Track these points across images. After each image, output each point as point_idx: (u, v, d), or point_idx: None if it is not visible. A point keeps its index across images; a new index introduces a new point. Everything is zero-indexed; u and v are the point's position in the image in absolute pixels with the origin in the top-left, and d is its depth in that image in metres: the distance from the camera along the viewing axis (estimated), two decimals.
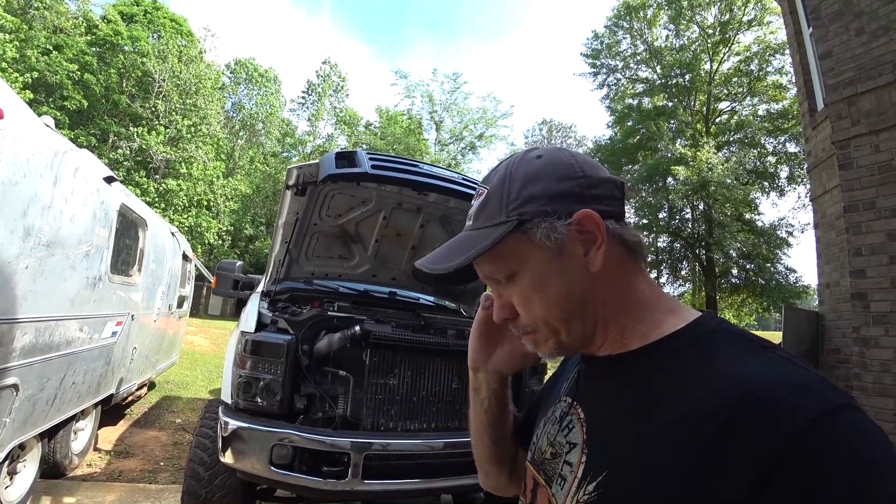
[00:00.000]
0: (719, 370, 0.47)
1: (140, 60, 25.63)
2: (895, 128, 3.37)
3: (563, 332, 0.58)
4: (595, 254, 0.55)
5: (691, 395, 0.47)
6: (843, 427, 0.39)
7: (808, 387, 0.42)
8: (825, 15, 4.00)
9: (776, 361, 0.46)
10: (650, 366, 0.53)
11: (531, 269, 0.57)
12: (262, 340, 2.30)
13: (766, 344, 0.49)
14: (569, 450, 0.58)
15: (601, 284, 0.57)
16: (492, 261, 0.58)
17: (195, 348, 12.34)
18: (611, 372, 0.58)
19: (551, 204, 0.55)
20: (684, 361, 0.51)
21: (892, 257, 3.23)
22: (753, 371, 0.45)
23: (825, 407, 0.40)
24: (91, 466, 4.00)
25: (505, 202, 0.57)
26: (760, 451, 0.39)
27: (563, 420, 0.62)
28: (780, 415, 0.40)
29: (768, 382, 0.43)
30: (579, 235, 0.55)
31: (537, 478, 0.63)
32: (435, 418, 2.51)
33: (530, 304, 0.58)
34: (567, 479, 0.55)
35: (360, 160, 2.81)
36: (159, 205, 23.21)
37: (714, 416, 0.43)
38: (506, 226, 0.56)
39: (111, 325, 3.81)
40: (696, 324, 0.54)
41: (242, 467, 2.14)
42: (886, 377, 3.13)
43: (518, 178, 0.58)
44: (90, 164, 3.26)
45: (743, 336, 0.51)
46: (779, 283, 21.71)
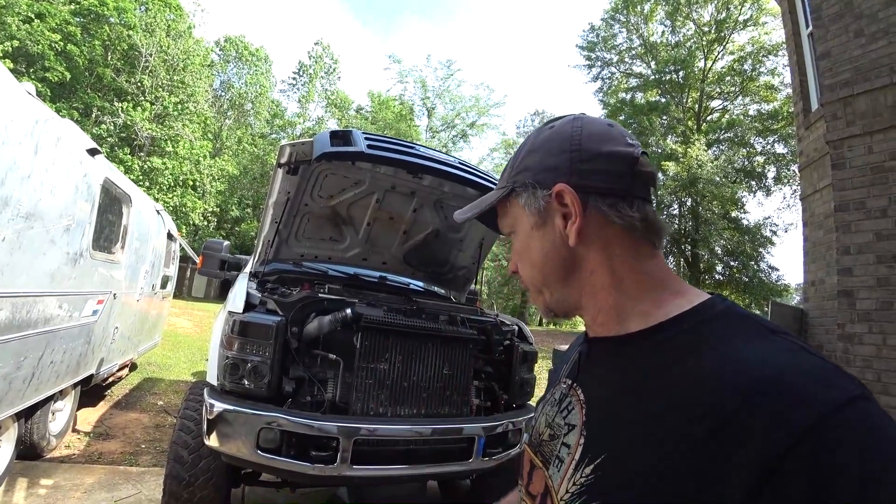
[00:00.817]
0: (727, 355, 0.45)
1: (126, 33, 24.84)
2: (889, 130, 3.40)
3: (547, 293, 0.62)
4: (571, 226, 0.56)
5: (697, 379, 0.45)
6: (856, 420, 0.37)
7: (822, 376, 0.41)
8: (826, 16, 3.99)
9: (788, 347, 0.44)
10: (653, 348, 0.52)
11: (521, 231, 0.63)
12: (251, 321, 2.24)
13: (778, 329, 0.47)
14: (567, 431, 0.57)
15: (587, 256, 0.58)
16: (501, 216, 0.67)
17: (178, 330, 12.18)
18: (613, 353, 0.57)
19: (538, 175, 0.59)
20: (690, 344, 0.49)
21: (879, 257, 3.27)
22: (764, 357, 0.43)
23: (838, 398, 0.38)
24: (69, 448, 3.92)
25: (510, 169, 0.65)
26: (770, 442, 0.37)
27: (562, 402, 0.62)
28: (791, 405, 0.38)
29: (779, 370, 0.41)
30: (559, 206, 0.57)
31: (534, 460, 0.63)
32: (425, 404, 2.49)
33: (521, 263, 0.64)
34: (564, 461, 0.55)
35: (355, 139, 2.74)
36: (143, 183, 22.69)
37: (721, 404, 0.41)
38: (502, 191, 0.64)
39: (92, 304, 3.71)
40: (705, 306, 0.52)
41: (228, 451, 2.09)
42: (868, 373, 3.19)
43: (526, 147, 0.63)
44: (73, 134, 3.13)
45: (753, 320, 0.49)
46: (761, 280, 22.15)
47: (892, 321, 3.14)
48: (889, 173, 3.32)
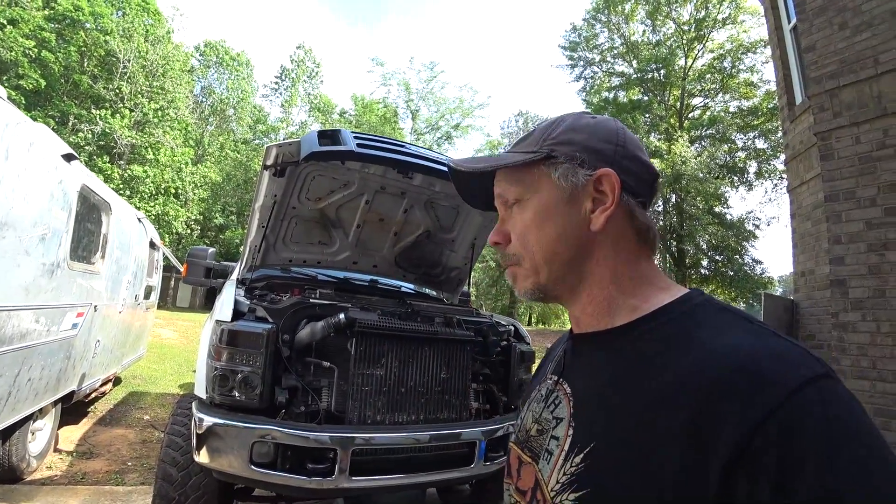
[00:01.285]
0: (705, 343, 0.48)
1: (103, 39, 24.37)
2: (875, 120, 3.42)
3: (545, 272, 0.60)
4: (600, 215, 0.57)
5: (677, 367, 0.48)
6: (820, 395, 0.40)
7: (791, 358, 0.43)
8: (810, 9, 4.02)
9: (760, 333, 0.47)
10: (638, 339, 0.54)
11: (540, 201, 0.60)
12: (240, 330, 2.14)
13: (752, 318, 0.51)
14: (555, 425, 0.58)
15: (599, 245, 0.58)
16: (511, 180, 0.63)
17: (164, 341, 11.91)
18: (598, 346, 0.59)
19: (582, 153, 0.58)
20: (671, 334, 0.52)
21: (869, 245, 3.29)
22: (740, 343, 0.46)
23: (805, 376, 0.41)
24: (51, 469, 3.75)
25: (544, 138, 0.61)
26: (743, 417, 0.40)
27: (548, 397, 0.63)
28: (763, 384, 0.41)
29: (754, 354, 0.44)
30: (593, 191, 0.57)
31: (522, 456, 0.63)
32: (424, 410, 2.41)
33: (526, 234, 0.61)
34: (554, 454, 0.56)
35: (344, 138, 2.66)
36: (124, 192, 22.23)
37: (701, 387, 0.44)
38: (535, 154, 0.60)
39: (71, 317, 3.56)
40: (684, 299, 0.55)
41: (219, 467, 1.99)
42: (863, 360, 3.20)
43: (565, 124, 0.61)
44: (47, 139, 3.00)
45: (729, 311, 0.52)
46: (746, 274, 22.49)
47: (885, 308, 3.15)
48: (877, 163, 3.34)
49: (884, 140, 3.34)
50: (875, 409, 3.12)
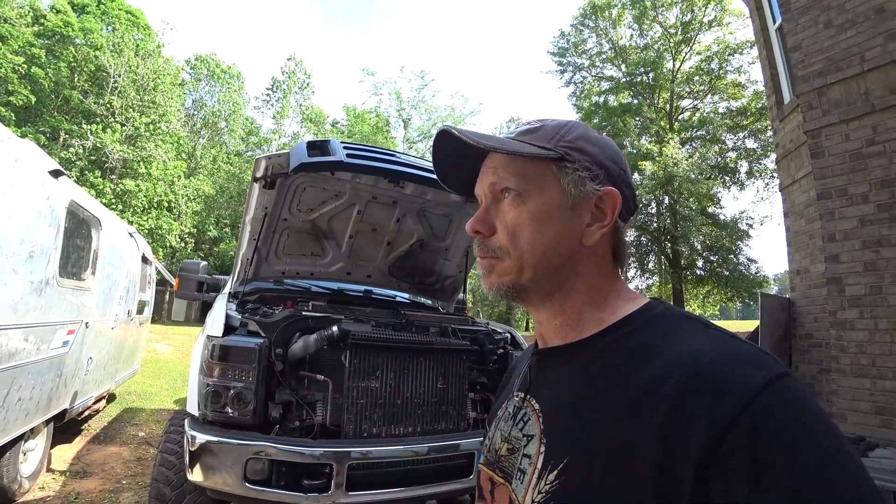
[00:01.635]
0: (669, 350, 0.49)
1: (93, 54, 24.35)
2: (864, 117, 3.44)
3: (528, 274, 0.58)
4: (596, 230, 0.58)
5: (645, 376, 0.48)
6: (783, 393, 0.42)
7: (751, 359, 0.45)
8: (794, 9, 4.06)
9: (720, 338, 0.49)
10: (602, 350, 0.55)
11: (542, 200, 0.58)
12: (231, 345, 2.11)
13: (710, 324, 0.52)
14: (526, 442, 0.57)
15: (584, 260, 0.59)
16: (512, 170, 0.60)
17: (158, 356, 11.78)
18: (563, 360, 0.59)
19: (593, 166, 0.58)
20: (634, 344, 0.53)
21: (864, 242, 3.29)
22: (703, 348, 0.47)
23: (768, 376, 0.43)
24: (44, 490, 3.67)
25: (557, 137, 0.59)
26: (715, 420, 0.41)
27: (516, 415, 0.62)
28: (730, 385, 0.42)
29: (717, 357, 0.46)
30: (594, 207, 0.58)
31: (494, 477, 0.62)
32: (420, 421, 2.37)
33: (518, 230, 0.58)
34: (527, 472, 0.55)
35: (333, 149, 2.64)
36: (116, 206, 22.11)
37: (668, 394, 0.45)
38: (549, 151, 0.58)
39: (62, 334, 3.50)
40: (645, 309, 0.57)
41: (213, 485, 1.95)
42: (863, 358, 3.19)
43: (578, 132, 0.61)
44: (33, 155, 2.96)
45: (688, 318, 0.54)
46: (741, 273, 22.57)
47: (883, 305, 3.14)
48: (868, 159, 3.35)
49: (873, 136, 3.36)
50: (876, 407, 3.11)
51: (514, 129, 0.64)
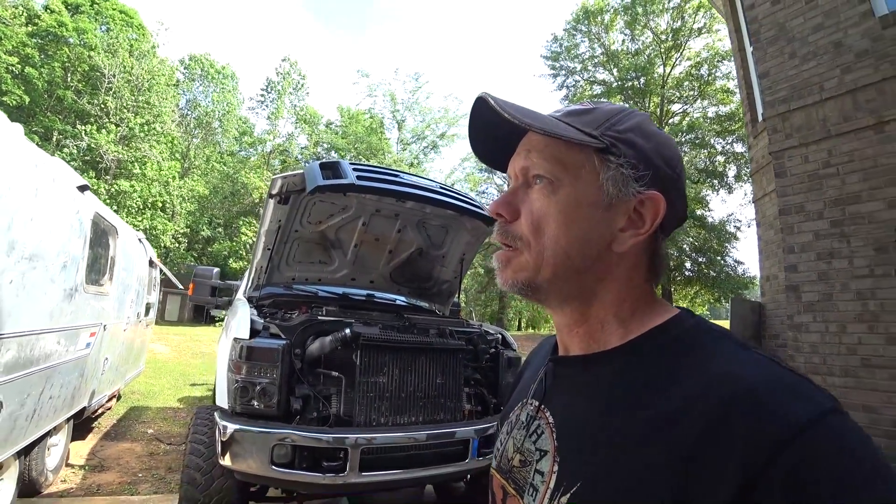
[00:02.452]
0: (704, 371, 0.45)
1: (87, 54, 24.37)
2: (821, 141, 3.81)
3: (547, 272, 0.53)
4: (629, 237, 0.52)
5: (672, 397, 0.44)
6: (832, 432, 0.38)
7: (798, 390, 0.41)
8: (764, 39, 4.43)
9: (759, 361, 0.44)
10: (624, 365, 0.51)
11: (575, 193, 0.52)
12: (257, 346, 2.41)
13: (747, 343, 0.48)
14: (539, 457, 0.54)
15: (613, 267, 0.53)
16: (548, 156, 0.53)
17: (157, 356, 11.97)
18: (583, 373, 0.55)
19: (643, 164, 0.52)
20: (663, 361, 0.48)
21: (818, 254, 3.67)
22: (740, 372, 0.43)
23: (815, 412, 0.38)
24: (66, 482, 3.93)
25: (607, 124, 0.53)
26: (752, 455, 0.37)
27: (530, 425, 0.59)
28: (771, 419, 0.38)
29: (757, 385, 0.41)
30: (633, 211, 0.52)
31: (506, 487, 0.59)
32: (422, 412, 2.70)
33: (544, 222, 0.53)
34: (539, 490, 0.52)
35: (344, 171, 2.94)
36: (111, 207, 22.14)
37: (699, 420, 0.41)
38: (593, 139, 0.51)
39: (85, 337, 3.77)
40: (675, 322, 0.52)
41: (244, 468, 2.25)
42: (815, 357, 3.57)
43: (633, 121, 0.54)
44: (65, 173, 3.23)
45: (723, 335, 0.49)
46: (728, 275, 23.14)
47: (832, 310, 3.52)
48: (823, 180, 3.72)
49: (828, 159, 3.73)
50: None
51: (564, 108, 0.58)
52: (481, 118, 0.56)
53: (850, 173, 3.61)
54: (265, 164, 34.75)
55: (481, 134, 0.60)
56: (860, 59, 3.70)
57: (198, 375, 10.02)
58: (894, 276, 3.31)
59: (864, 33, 3.71)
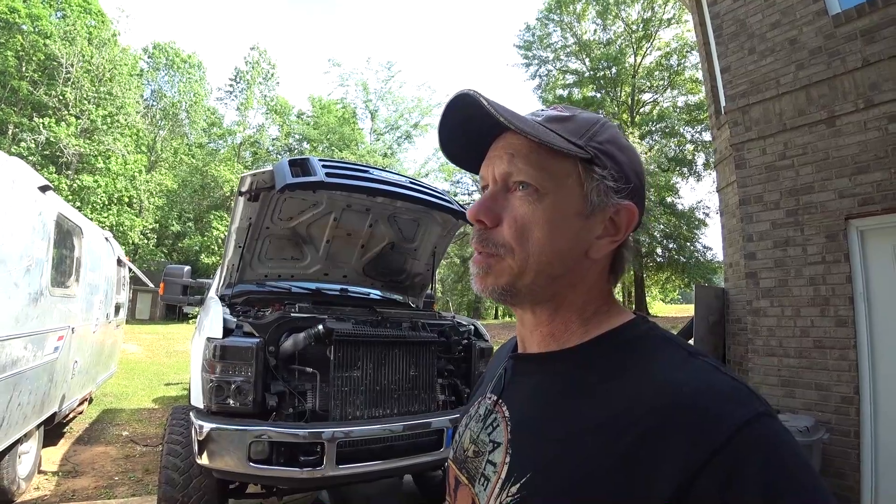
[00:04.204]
0: (651, 375, 0.47)
1: (42, 42, 23.29)
2: (778, 134, 3.98)
3: (528, 278, 0.54)
4: (606, 244, 0.54)
5: (620, 398, 0.47)
6: (762, 433, 0.41)
7: (734, 396, 0.44)
8: (725, 34, 4.57)
9: (705, 369, 0.47)
10: (578, 364, 0.53)
11: (559, 203, 0.53)
12: (230, 345, 2.42)
13: (695, 351, 0.50)
14: (492, 448, 0.56)
15: (584, 272, 0.55)
16: (534, 163, 0.53)
17: (129, 356, 11.70)
18: (539, 369, 0.58)
19: (618, 176, 0.54)
20: (614, 363, 0.51)
21: (775, 242, 3.85)
22: (684, 379, 0.46)
23: (748, 415, 0.41)
24: (39, 490, 3.86)
25: (589, 134, 0.54)
26: (690, 455, 0.40)
27: (487, 418, 0.61)
28: (709, 421, 0.41)
29: (698, 390, 0.44)
30: (608, 219, 0.54)
31: (459, 476, 0.62)
32: (397, 404, 2.76)
33: (529, 230, 0.53)
34: (490, 480, 0.54)
35: (313, 167, 2.94)
36: (74, 203, 21.35)
37: (642, 420, 0.44)
38: (579, 149, 0.53)
39: (53, 340, 3.69)
40: (628, 326, 0.55)
41: (221, 466, 2.27)
42: (772, 339, 3.77)
43: (609, 133, 0.56)
44: (25, 174, 3.14)
45: (673, 342, 0.52)
46: (698, 260, 23.89)
47: (788, 296, 3.71)
48: (779, 171, 3.90)
49: (784, 151, 3.90)
50: (781, 381, 3.68)
51: (539, 111, 0.58)
52: (458, 116, 0.56)
53: (803, 165, 3.79)
54: (235, 156, 33.98)
55: (454, 133, 0.59)
56: (814, 55, 3.86)
57: (172, 375, 9.85)
58: (843, 263, 3.51)
59: (818, 31, 3.87)
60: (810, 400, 3.53)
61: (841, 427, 3.36)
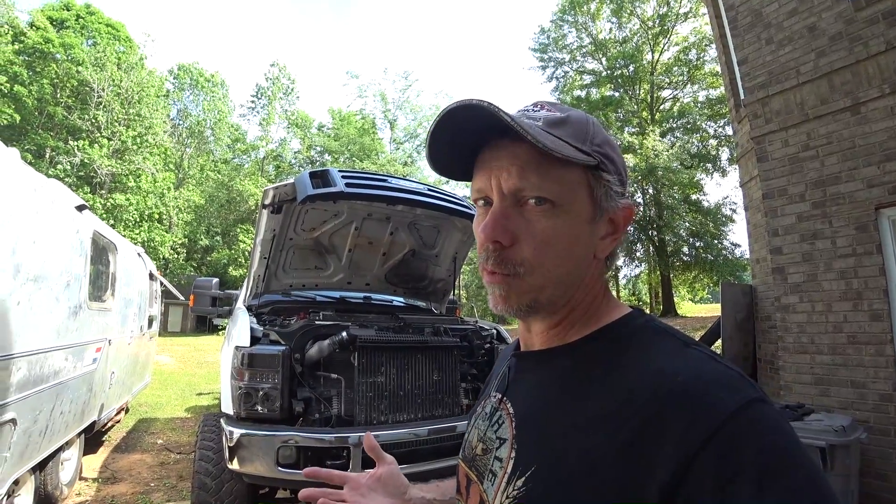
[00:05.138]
0: (646, 366, 0.48)
1: (75, 69, 24.37)
2: (800, 125, 3.89)
3: (548, 292, 0.54)
4: (609, 244, 0.56)
5: (619, 389, 0.48)
6: (756, 418, 0.42)
7: (727, 382, 0.45)
8: (741, 25, 4.50)
9: (699, 358, 0.48)
10: (578, 359, 0.55)
11: (576, 214, 0.53)
12: (258, 353, 2.50)
13: (689, 341, 0.51)
14: (498, 445, 0.58)
15: (591, 271, 0.57)
16: (545, 176, 0.52)
17: (162, 368, 12.07)
18: (540, 366, 0.59)
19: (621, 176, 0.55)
20: (613, 356, 0.52)
21: (801, 236, 3.75)
22: (679, 368, 0.47)
23: (742, 400, 0.42)
24: (80, 495, 4.03)
25: (590, 138, 0.54)
26: (685, 441, 0.41)
27: (492, 416, 0.62)
28: (701, 409, 0.42)
29: (693, 378, 0.45)
30: (608, 222, 0.55)
31: (469, 474, 0.63)
32: (420, 409, 2.79)
33: (550, 245, 0.52)
34: (497, 475, 0.55)
35: (333, 178, 3.02)
36: (108, 221, 22.21)
37: (640, 410, 0.45)
38: (588, 157, 0.52)
39: (91, 352, 3.86)
40: (626, 320, 0.56)
41: (251, 471, 2.34)
42: (803, 336, 3.66)
43: (601, 133, 0.55)
44: (63, 194, 3.31)
45: (669, 333, 0.53)
46: (726, 258, 23.25)
47: (818, 290, 3.60)
48: (803, 162, 3.80)
49: (808, 142, 3.81)
50: (815, 379, 3.57)
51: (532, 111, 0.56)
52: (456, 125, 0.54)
53: (828, 155, 3.69)
54: (259, 170, 34.81)
55: (446, 144, 0.57)
56: (834, 41, 3.77)
57: (203, 385, 10.13)
58: (876, 254, 3.40)
59: (838, 16, 3.78)
60: (846, 398, 3.42)
61: (880, 426, 3.24)
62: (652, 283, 28.70)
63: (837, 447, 2.75)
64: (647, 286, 29.94)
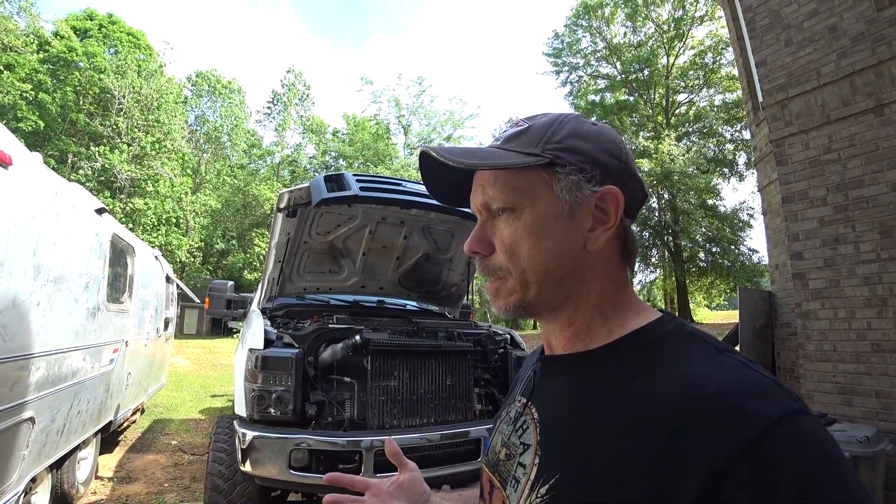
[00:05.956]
0: (678, 372, 0.47)
1: (97, 77, 24.99)
2: (821, 127, 3.81)
3: (533, 289, 0.55)
4: (600, 234, 0.55)
5: (647, 397, 0.46)
6: (796, 432, 0.40)
7: (765, 392, 0.43)
8: (759, 27, 4.43)
9: (733, 365, 0.46)
10: (608, 365, 0.53)
11: (536, 213, 0.55)
12: (271, 356, 2.51)
13: (723, 347, 0.49)
14: (522, 451, 0.57)
15: (591, 266, 0.56)
16: (501, 187, 0.56)
17: (178, 369, 12.22)
18: (567, 371, 0.58)
19: (589, 165, 0.54)
20: (642, 362, 0.51)
21: (823, 241, 3.66)
22: (712, 374, 0.45)
23: (780, 412, 0.40)
24: (96, 494, 4.09)
25: (545, 139, 0.55)
26: (717, 453, 0.39)
27: (517, 421, 0.61)
28: (737, 418, 0.40)
29: (726, 386, 0.43)
30: (595, 209, 0.55)
31: (493, 479, 0.62)
32: (433, 413, 2.77)
33: (517, 247, 0.55)
34: (521, 481, 0.55)
35: (347, 182, 3.03)
36: (127, 225, 22.66)
37: (672, 418, 0.43)
38: (536, 158, 0.54)
39: (108, 353, 3.92)
40: (656, 324, 0.54)
41: (263, 473, 2.35)
42: (825, 344, 3.57)
43: (567, 128, 0.56)
44: (83, 197, 3.38)
45: (701, 338, 0.51)
46: (743, 263, 22.83)
47: (840, 297, 3.51)
48: (825, 166, 3.72)
49: (829, 145, 3.73)
50: (837, 388, 3.47)
51: (502, 132, 0.60)
52: (432, 169, 0.61)
53: (851, 158, 3.61)
54: (275, 175, 35.25)
55: (438, 184, 0.65)
56: (856, 42, 3.69)
57: (218, 387, 10.23)
58: None
59: (860, 16, 3.70)
60: (870, 408, 3.31)
61: None
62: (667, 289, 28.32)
63: (861, 459, 2.66)
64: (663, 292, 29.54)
